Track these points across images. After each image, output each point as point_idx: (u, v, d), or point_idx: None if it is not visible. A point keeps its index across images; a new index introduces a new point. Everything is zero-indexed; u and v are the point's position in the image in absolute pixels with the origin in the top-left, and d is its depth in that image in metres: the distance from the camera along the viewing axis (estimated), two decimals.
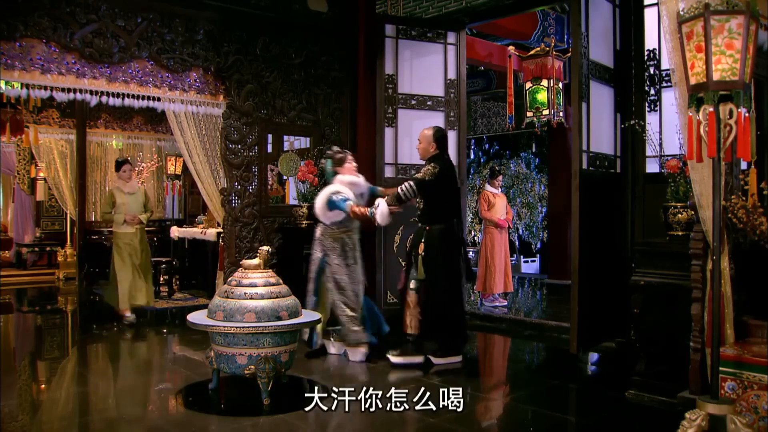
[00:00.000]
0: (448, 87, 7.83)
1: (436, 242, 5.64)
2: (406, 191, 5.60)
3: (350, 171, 6.01)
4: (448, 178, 5.77)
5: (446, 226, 5.70)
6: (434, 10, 7.85)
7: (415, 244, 5.80)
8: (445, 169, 5.69)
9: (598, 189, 5.71)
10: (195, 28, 7.25)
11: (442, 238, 5.66)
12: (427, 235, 5.68)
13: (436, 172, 5.60)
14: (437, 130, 5.89)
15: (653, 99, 5.76)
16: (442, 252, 5.66)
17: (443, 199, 5.74)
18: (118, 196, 7.76)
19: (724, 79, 2.98)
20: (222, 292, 4.67)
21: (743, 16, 2.95)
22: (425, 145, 5.81)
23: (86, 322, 8.50)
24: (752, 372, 3.26)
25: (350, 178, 5.95)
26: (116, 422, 4.39)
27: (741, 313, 3.79)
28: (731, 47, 2.97)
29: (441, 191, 5.70)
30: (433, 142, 5.78)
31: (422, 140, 5.84)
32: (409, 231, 6.91)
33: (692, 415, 3.08)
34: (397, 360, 5.62)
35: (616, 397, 4.76)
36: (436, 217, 5.71)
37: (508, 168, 13.75)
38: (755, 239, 3.49)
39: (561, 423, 4.57)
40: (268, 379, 4.44)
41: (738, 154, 3.05)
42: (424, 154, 5.83)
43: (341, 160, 6.01)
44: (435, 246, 5.63)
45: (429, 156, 5.78)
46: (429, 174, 5.60)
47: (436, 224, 5.68)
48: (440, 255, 5.65)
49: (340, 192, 5.73)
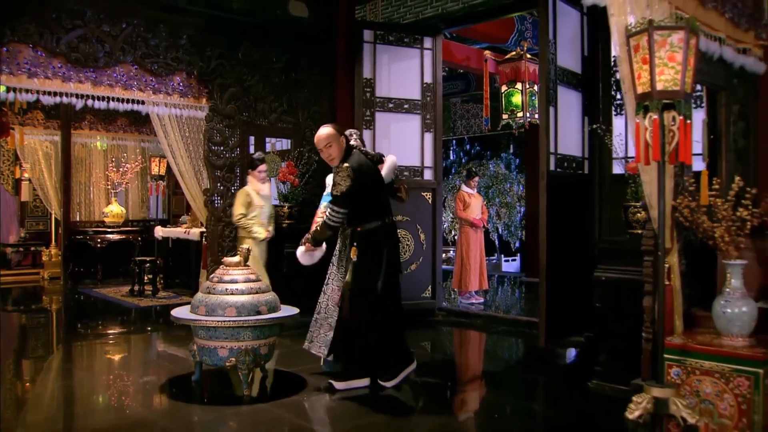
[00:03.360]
0: (425, 90, 8.08)
1: (373, 245, 4.91)
2: (335, 219, 4.87)
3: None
4: (368, 171, 5.01)
5: (381, 223, 4.95)
6: (411, 15, 8.09)
7: (341, 250, 5.21)
8: (360, 162, 4.93)
9: (566, 189, 5.96)
10: (178, 33, 7.43)
11: (379, 238, 4.93)
12: (361, 237, 4.91)
13: (351, 172, 4.80)
14: (333, 125, 5.14)
15: (619, 103, 6.00)
16: (381, 256, 4.91)
17: (371, 194, 4.99)
18: (255, 198, 7.01)
19: (666, 89, 3.23)
20: (204, 288, 4.89)
21: (683, 31, 3.20)
22: (336, 145, 4.93)
23: (71, 321, 8.68)
24: (696, 359, 3.52)
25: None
26: (101, 413, 4.61)
27: (691, 306, 4.06)
28: (673, 59, 3.22)
29: (365, 188, 4.92)
30: (341, 136, 4.99)
31: (330, 141, 4.92)
32: None
33: (638, 398, 3.33)
34: (341, 386, 4.89)
35: (580, 387, 5.02)
36: (368, 215, 4.95)
37: (488, 169, 14.03)
38: (700, 237, 3.75)
39: (525, 411, 4.83)
40: (248, 371, 4.67)
41: (680, 158, 3.30)
42: (339, 154, 4.95)
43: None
44: (372, 250, 4.90)
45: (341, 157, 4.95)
46: (345, 179, 4.79)
47: (369, 223, 4.93)
48: (377, 260, 4.89)
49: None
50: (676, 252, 3.95)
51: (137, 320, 8.38)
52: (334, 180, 4.86)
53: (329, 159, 4.99)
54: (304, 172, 8.10)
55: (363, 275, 4.87)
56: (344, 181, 4.79)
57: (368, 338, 4.89)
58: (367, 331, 4.88)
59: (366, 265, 4.87)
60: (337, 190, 4.81)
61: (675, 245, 3.93)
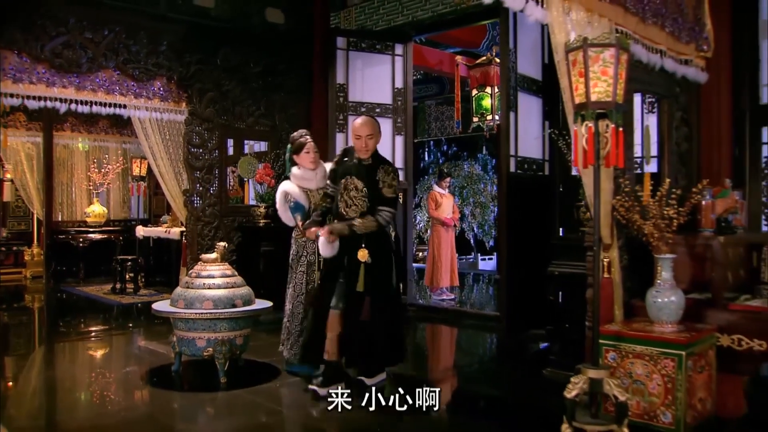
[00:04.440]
0: (396, 95, 8.43)
1: (383, 243, 4.85)
2: (388, 220, 4.77)
3: (306, 161, 5.25)
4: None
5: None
6: (384, 23, 8.43)
7: (349, 250, 4.72)
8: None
9: (527, 190, 6.34)
10: (159, 39, 7.72)
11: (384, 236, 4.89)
12: (369, 238, 4.69)
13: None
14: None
15: None
16: (391, 252, 4.93)
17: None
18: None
19: (600, 100, 3.58)
20: (183, 283, 5.22)
21: (614, 48, 3.56)
22: (377, 139, 4.81)
23: (54, 318, 8.93)
24: (629, 344, 3.90)
25: (302, 172, 5.25)
26: (86, 401, 4.94)
27: (633, 297, 4.43)
28: (605, 74, 3.57)
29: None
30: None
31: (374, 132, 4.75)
32: None
33: (576, 379, 3.67)
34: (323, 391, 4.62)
35: (536, 374, 5.38)
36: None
37: (462, 169, 14.39)
38: (635, 234, 4.12)
39: (482, 397, 5.17)
40: (224, 360, 5.00)
41: (611, 162, 3.66)
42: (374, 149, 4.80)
43: (300, 146, 5.26)
44: (382, 248, 4.82)
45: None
46: (396, 179, 4.80)
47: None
48: (389, 257, 4.89)
49: (290, 194, 5.18)
50: (616, 248, 4.32)
51: (119, 317, 8.64)
52: (389, 182, 4.70)
53: (365, 149, 4.72)
54: (280, 173, 8.41)
55: (379, 275, 4.75)
56: (395, 182, 4.77)
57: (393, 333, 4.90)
58: (392, 327, 4.89)
59: (381, 264, 4.77)
60: (394, 192, 4.74)
61: (615, 242, 4.30)
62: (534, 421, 4.39)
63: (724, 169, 5.69)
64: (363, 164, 4.76)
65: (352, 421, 4.20)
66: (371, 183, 4.72)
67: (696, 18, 5.24)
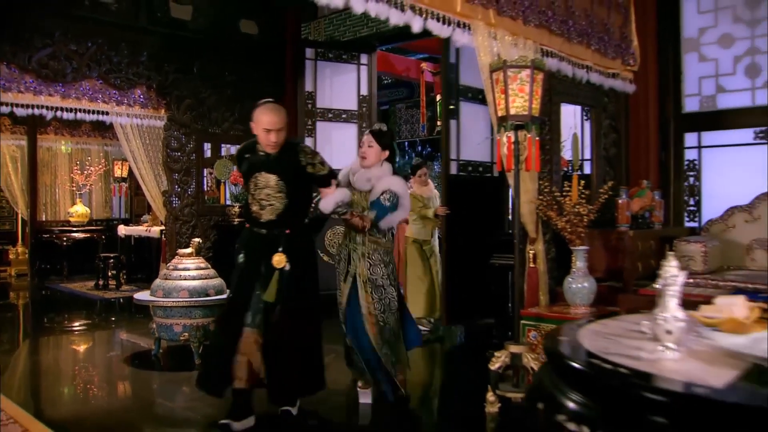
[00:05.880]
0: (361, 102, 9.02)
1: (308, 249, 4.33)
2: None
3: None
4: None
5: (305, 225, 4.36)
6: (350, 34, 8.99)
7: (263, 255, 4.07)
8: None
9: (471, 190, 6.91)
10: (139, 51, 8.23)
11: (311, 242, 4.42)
12: (290, 240, 4.11)
13: None
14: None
15: None
16: (316, 260, 4.44)
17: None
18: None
19: (518, 113, 4.18)
20: (162, 275, 5.80)
21: (529, 69, 4.16)
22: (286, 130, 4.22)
23: (39, 312, 9.42)
24: (547, 323, 4.51)
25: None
26: (72, 381, 5.50)
27: (558, 285, 5.05)
28: (522, 91, 4.17)
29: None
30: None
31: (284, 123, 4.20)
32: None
33: (499, 353, 4.26)
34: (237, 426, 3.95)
35: (478, 358, 5.96)
36: (301, 217, 4.31)
37: (432, 169, 14.97)
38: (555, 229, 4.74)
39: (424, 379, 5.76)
40: (199, 344, 5.58)
41: (529, 166, 4.27)
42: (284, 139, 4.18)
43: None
44: (307, 254, 4.30)
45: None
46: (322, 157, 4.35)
47: (301, 226, 4.29)
48: (314, 265, 4.35)
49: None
50: (542, 241, 4.94)
51: (102, 311, 9.15)
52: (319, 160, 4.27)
53: (275, 144, 4.13)
54: None
55: (298, 284, 4.11)
56: (321, 156, 4.39)
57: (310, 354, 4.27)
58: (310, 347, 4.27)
59: (301, 271, 4.14)
60: (327, 167, 4.31)
61: (540, 236, 4.93)
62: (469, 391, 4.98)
63: (651, 171, 6.32)
64: (272, 157, 4.16)
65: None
66: (288, 174, 4.14)
67: (623, 36, 5.85)
